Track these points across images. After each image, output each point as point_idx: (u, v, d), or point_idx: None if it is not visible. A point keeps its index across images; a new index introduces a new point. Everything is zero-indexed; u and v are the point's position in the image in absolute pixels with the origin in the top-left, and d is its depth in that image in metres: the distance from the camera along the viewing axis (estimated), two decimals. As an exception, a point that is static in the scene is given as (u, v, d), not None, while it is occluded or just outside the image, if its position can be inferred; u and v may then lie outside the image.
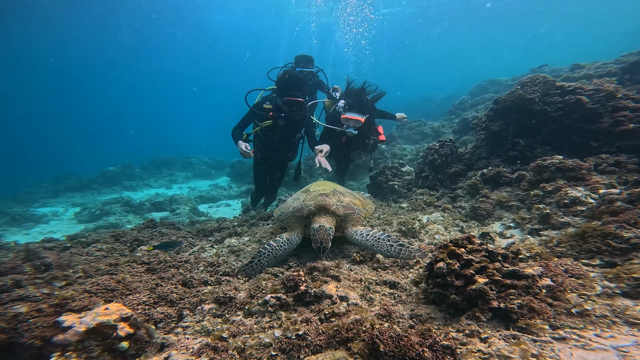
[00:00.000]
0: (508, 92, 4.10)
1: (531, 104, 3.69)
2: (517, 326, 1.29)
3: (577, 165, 2.85)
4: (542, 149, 3.65)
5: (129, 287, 2.01)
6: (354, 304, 1.86)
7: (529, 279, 1.34)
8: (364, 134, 5.05)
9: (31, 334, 1.37)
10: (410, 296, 1.94)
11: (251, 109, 4.45)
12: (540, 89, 3.71)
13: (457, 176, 4.39)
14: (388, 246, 2.33)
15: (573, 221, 2.40)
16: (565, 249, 2.04)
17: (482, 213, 3.28)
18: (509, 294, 1.33)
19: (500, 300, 1.34)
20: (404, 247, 2.32)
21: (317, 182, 3.44)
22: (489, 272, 1.42)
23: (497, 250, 1.52)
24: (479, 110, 8.68)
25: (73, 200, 9.96)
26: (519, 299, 1.30)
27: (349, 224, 2.60)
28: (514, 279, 1.36)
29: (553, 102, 3.66)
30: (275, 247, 2.44)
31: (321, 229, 2.34)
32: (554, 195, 2.69)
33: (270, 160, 5.06)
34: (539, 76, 3.84)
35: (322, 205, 2.55)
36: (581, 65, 7.29)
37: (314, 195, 2.72)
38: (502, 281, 1.38)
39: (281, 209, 3.00)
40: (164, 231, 3.79)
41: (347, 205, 2.64)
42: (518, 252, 1.54)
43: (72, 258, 2.67)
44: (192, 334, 1.74)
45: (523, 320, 1.27)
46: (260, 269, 2.38)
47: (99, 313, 1.42)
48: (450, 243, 1.66)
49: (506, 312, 1.32)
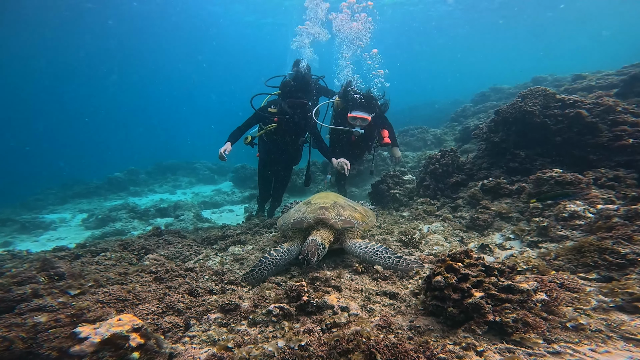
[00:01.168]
0: (509, 104, 4.16)
1: (531, 116, 3.75)
2: (512, 340, 1.34)
3: (576, 179, 2.89)
4: (542, 161, 3.69)
5: (138, 297, 2.08)
6: (355, 314, 1.91)
7: (523, 294, 1.39)
8: (369, 135, 5.05)
9: (50, 344, 1.44)
10: (410, 307, 1.99)
11: (256, 112, 4.54)
12: (540, 101, 3.77)
13: (458, 186, 4.44)
14: (386, 258, 2.40)
15: (571, 235, 2.44)
16: (562, 262, 2.08)
17: (482, 224, 3.32)
18: (504, 308, 1.38)
19: (496, 313, 1.39)
20: (401, 259, 2.39)
21: (320, 193, 3.52)
22: (485, 286, 1.48)
23: (493, 265, 1.57)
24: (480, 119, 8.74)
25: (80, 207, 10.15)
26: (513, 313, 1.35)
27: (347, 237, 2.68)
28: (509, 293, 1.42)
29: (553, 115, 3.72)
30: (275, 256, 2.52)
31: (311, 242, 2.41)
32: (553, 208, 2.73)
33: (274, 164, 5.11)
34: (539, 89, 3.91)
35: (321, 219, 2.66)
36: (583, 76, 7.34)
37: (314, 208, 2.81)
38: (497, 295, 1.43)
39: (284, 218, 3.10)
40: (170, 239, 3.88)
41: (345, 219, 2.72)
42: (514, 266, 1.59)
43: (84, 267, 2.77)
44: (199, 343, 1.80)
45: (518, 334, 1.31)
46: (261, 277, 2.46)
47: (113, 324, 1.50)
48: (448, 257, 1.72)
49: (501, 325, 1.37)
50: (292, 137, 4.70)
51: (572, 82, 7.45)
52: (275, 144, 4.78)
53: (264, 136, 4.74)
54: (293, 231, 2.82)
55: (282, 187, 5.64)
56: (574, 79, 7.60)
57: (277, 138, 4.68)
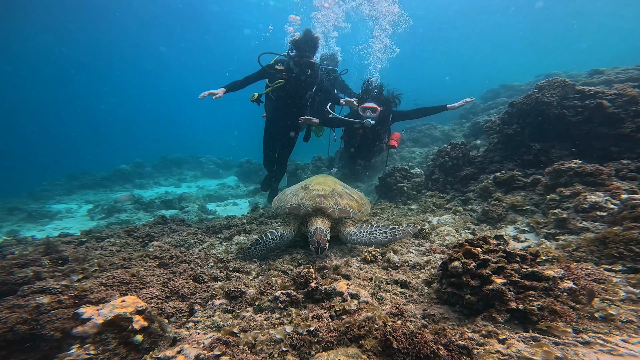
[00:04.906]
0: (525, 95, 4.02)
1: (549, 107, 3.61)
2: (537, 328, 1.25)
3: (596, 170, 2.76)
4: (558, 153, 3.55)
5: (142, 280, 2.03)
6: (365, 301, 1.84)
7: (549, 281, 1.30)
8: (378, 132, 5.12)
9: (52, 325, 1.39)
10: (422, 296, 1.91)
11: (263, 69, 4.61)
12: (558, 92, 3.62)
13: (468, 179, 4.32)
14: (382, 234, 2.50)
15: (592, 226, 2.32)
16: (584, 254, 1.97)
17: (494, 216, 3.21)
18: (528, 295, 1.29)
19: (519, 301, 1.30)
20: (395, 228, 2.51)
21: (317, 177, 3.41)
22: (507, 273, 1.39)
23: (515, 251, 1.48)
24: (491, 115, 8.54)
25: (86, 198, 10.21)
26: (539, 301, 1.26)
27: (343, 226, 2.71)
28: (533, 281, 1.33)
29: (572, 106, 3.56)
30: (270, 238, 2.61)
31: (318, 230, 2.41)
32: (572, 200, 2.61)
33: (281, 122, 5.05)
34: (557, 79, 3.76)
35: (319, 207, 2.63)
36: (600, 71, 7.09)
37: (313, 195, 2.76)
38: (520, 282, 1.34)
39: (280, 200, 3.02)
40: (175, 227, 3.84)
41: (342, 209, 2.70)
42: (537, 253, 1.50)
43: (88, 252, 2.73)
44: (203, 328, 1.74)
45: (544, 323, 1.23)
46: (255, 255, 2.63)
47: (116, 305, 1.45)
48: (466, 242, 1.63)
49: (525, 314, 1.28)
50: (299, 94, 4.73)
51: (589, 76, 7.20)
52: (282, 100, 4.78)
53: (271, 94, 4.77)
54: (289, 216, 2.79)
55: (286, 153, 5.52)
56: (591, 74, 7.35)
57: (285, 94, 4.70)
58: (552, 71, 10.30)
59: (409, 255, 2.59)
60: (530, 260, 1.46)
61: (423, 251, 2.71)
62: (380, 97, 4.94)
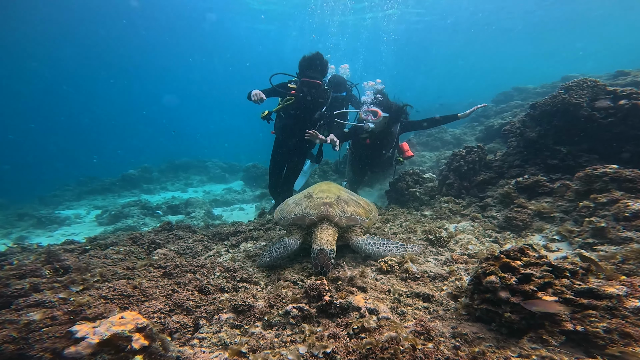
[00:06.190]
0: (549, 97, 3.80)
1: (577, 109, 3.38)
2: (607, 354, 1.05)
3: (636, 175, 2.52)
4: (587, 157, 3.31)
5: (145, 293, 1.90)
6: (385, 317, 1.66)
7: (612, 299, 1.11)
8: (383, 141, 4.95)
9: (42, 345, 1.25)
10: (449, 311, 1.72)
11: (273, 88, 4.76)
12: (588, 93, 3.40)
13: (485, 184, 4.10)
14: (394, 248, 2.47)
15: (637, 236, 2.10)
16: (634, 266, 1.76)
17: (519, 224, 2.99)
18: (587, 315, 1.10)
19: (576, 322, 1.11)
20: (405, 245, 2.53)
21: (320, 185, 3.24)
22: (557, 289, 1.20)
23: (562, 265, 1.29)
24: (504, 118, 8.29)
25: (95, 203, 10.26)
26: (603, 322, 1.06)
27: (352, 234, 2.60)
28: (591, 299, 1.13)
29: (603, 108, 3.34)
30: (275, 248, 2.55)
31: (321, 253, 2.26)
32: (610, 207, 2.39)
33: (289, 140, 5.06)
34: (586, 80, 3.54)
35: (325, 216, 2.51)
36: (626, 72, 6.76)
37: (317, 203, 2.62)
38: (575, 300, 1.15)
39: (282, 211, 2.86)
40: (180, 234, 3.72)
41: (350, 216, 2.58)
42: (589, 267, 1.31)
43: (91, 261, 2.62)
44: (209, 346, 1.59)
45: (616, 348, 1.03)
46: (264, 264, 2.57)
47: (114, 322, 1.31)
48: (502, 254, 1.44)
49: (585, 336, 1.09)
50: (308, 114, 4.82)
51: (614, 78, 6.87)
52: (291, 118, 4.84)
53: (281, 112, 4.86)
54: (293, 227, 2.65)
55: (294, 175, 5.47)
56: (616, 76, 7.01)
57: (294, 112, 4.79)
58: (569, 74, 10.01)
59: (428, 265, 2.40)
60: (582, 275, 1.27)
61: (443, 260, 2.52)
62: (385, 103, 4.79)
